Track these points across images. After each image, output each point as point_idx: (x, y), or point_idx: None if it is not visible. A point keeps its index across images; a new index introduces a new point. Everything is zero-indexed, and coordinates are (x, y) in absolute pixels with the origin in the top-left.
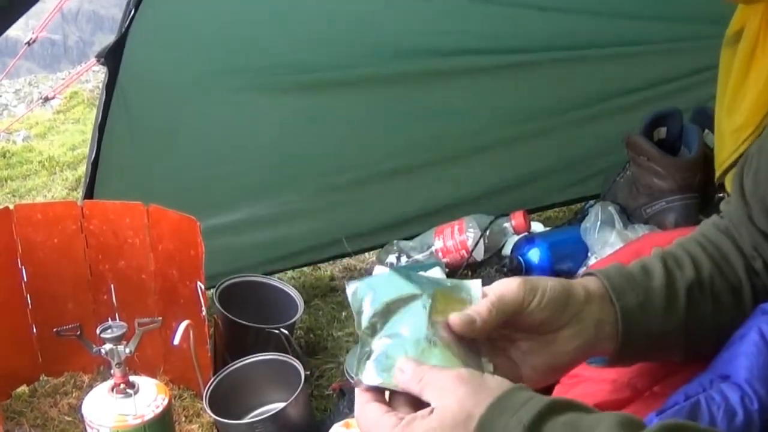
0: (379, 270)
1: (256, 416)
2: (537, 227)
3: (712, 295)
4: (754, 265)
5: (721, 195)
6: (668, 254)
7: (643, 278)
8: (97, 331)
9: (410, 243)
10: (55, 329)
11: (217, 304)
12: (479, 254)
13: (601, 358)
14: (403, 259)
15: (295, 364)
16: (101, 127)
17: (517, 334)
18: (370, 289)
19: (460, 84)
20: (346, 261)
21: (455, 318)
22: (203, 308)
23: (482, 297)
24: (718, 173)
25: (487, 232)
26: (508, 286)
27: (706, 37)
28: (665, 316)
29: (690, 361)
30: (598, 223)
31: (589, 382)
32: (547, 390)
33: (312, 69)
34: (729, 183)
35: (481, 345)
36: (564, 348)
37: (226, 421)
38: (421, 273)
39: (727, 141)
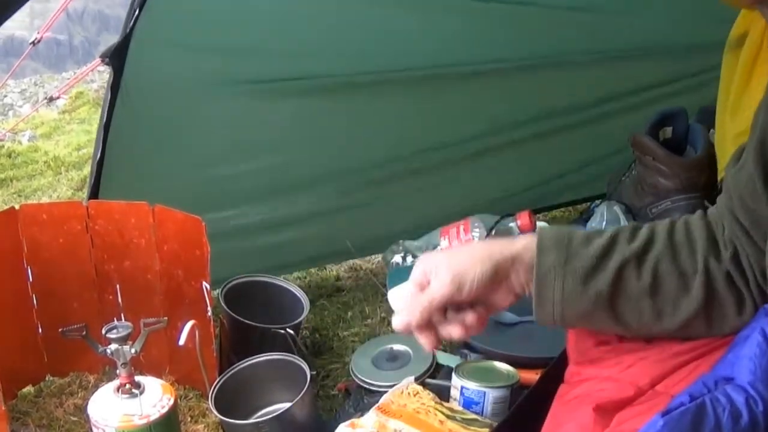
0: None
1: (261, 416)
2: (543, 227)
3: (654, 274)
4: (723, 253)
5: None
6: (630, 227)
7: (579, 243)
8: (103, 331)
9: (416, 243)
10: (60, 329)
11: (222, 304)
12: None
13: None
14: (409, 259)
15: (300, 364)
16: (106, 127)
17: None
18: None
19: (466, 88)
20: (351, 261)
21: (396, 322)
22: (209, 308)
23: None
24: (720, 177)
25: (493, 232)
26: (439, 285)
27: (711, 36)
28: (584, 281)
29: (635, 336)
30: (604, 222)
31: (592, 381)
32: (550, 391)
33: (318, 74)
34: None
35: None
36: (500, 305)
37: (231, 421)
38: None
39: (729, 146)
